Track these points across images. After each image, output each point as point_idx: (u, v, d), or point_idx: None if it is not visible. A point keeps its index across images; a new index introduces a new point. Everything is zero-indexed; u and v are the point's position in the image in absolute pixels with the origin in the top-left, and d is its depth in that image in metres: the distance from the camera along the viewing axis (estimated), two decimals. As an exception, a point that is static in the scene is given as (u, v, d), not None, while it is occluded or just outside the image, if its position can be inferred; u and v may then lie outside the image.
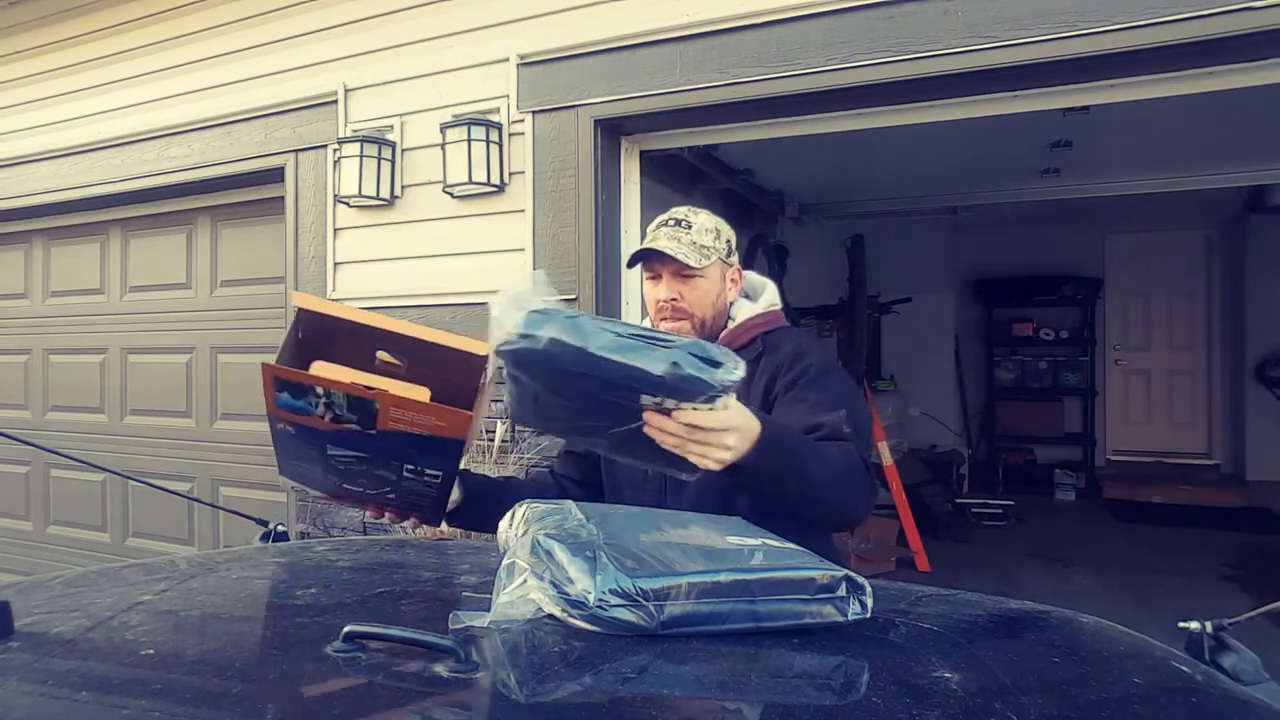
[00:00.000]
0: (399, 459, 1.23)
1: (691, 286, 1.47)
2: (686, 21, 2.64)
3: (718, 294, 1.50)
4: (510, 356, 0.97)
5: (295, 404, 1.15)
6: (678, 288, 1.47)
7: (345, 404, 1.14)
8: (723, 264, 1.51)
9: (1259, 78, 2.27)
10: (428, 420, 1.15)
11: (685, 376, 0.95)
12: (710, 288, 1.49)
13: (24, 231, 4.43)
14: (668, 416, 1.01)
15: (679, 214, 1.52)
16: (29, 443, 1.56)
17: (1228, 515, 5.96)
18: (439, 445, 1.18)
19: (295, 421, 1.18)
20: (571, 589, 0.76)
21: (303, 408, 1.15)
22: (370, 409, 1.14)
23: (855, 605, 0.80)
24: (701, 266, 1.46)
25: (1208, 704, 0.73)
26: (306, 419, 1.17)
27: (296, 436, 1.21)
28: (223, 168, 3.53)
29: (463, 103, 2.99)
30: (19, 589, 0.98)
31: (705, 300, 1.48)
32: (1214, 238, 6.89)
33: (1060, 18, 2.21)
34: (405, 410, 1.14)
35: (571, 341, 0.93)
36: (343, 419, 1.16)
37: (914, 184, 5.57)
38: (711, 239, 1.49)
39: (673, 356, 0.94)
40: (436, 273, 3.08)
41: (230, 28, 3.50)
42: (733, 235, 1.56)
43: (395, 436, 1.17)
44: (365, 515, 1.42)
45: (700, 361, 0.95)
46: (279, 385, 1.15)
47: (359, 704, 0.68)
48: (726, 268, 1.52)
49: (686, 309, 1.47)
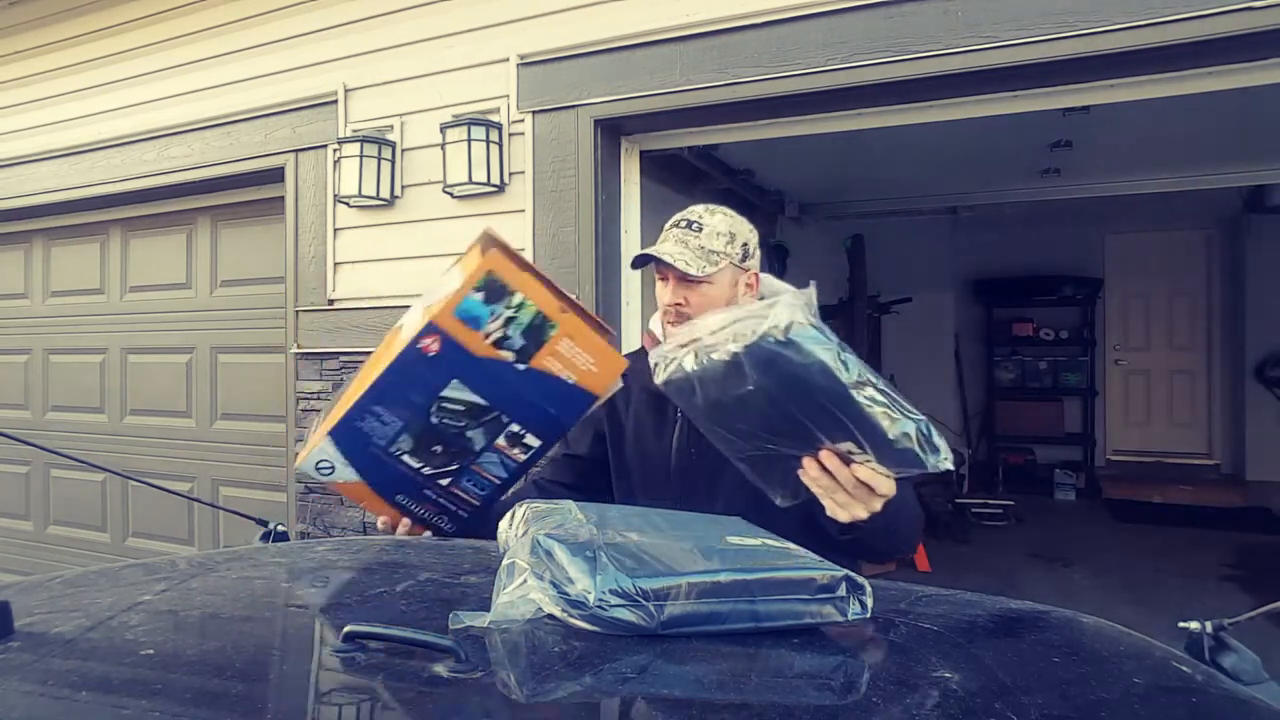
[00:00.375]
0: (512, 414, 1.24)
1: (698, 293, 1.43)
2: (686, 21, 2.64)
3: (727, 301, 1.44)
4: (762, 354, 0.98)
5: (477, 311, 1.17)
6: (683, 293, 1.44)
7: (525, 324, 1.18)
8: (735, 269, 1.45)
9: (1259, 78, 2.27)
10: (583, 364, 1.20)
11: (907, 450, 0.98)
12: (718, 294, 1.43)
13: (24, 231, 4.42)
14: (843, 462, 1.04)
15: (693, 214, 1.48)
16: (29, 443, 1.56)
17: (1227, 515, 5.96)
18: (571, 398, 1.22)
19: (452, 337, 1.17)
20: (571, 589, 0.76)
21: (479, 317, 1.17)
22: (542, 336, 1.18)
23: (855, 605, 0.80)
24: (703, 274, 1.41)
25: (1208, 704, 0.73)
26: (469, 334, 1.17)
27: (427, 364, 1.19)
28: (223, 168, 3.53)
29: (463, 103, 2.99)
30: (19, 589, 0.98)
31: (712, 307, 1.42)
32: (1214, 238, 6.90)
33: (1060, 18, 2.21)
34: (574, 344, 1.19)
35: (836, 373, 0.96)
36: (504, 344, 1.18)
37: (914, 184, 5.57)
38: (722, 244, 1.44)
39: (907, 428, 0.97)
40: (437, 273, 3.05)
41: (230, 28, 3.50)
42: (751, 238, 1.50)
43: (533, 381, 1.19)
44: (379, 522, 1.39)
45: (925, 442, 0.98)
46: (483, 282, 1.16)
47: (359, 704, 0.68)
48: (740, 273, 1.46)
49: (691, 314, 1.42)
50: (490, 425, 1.25)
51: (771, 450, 1.07)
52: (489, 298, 1.17)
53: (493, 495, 1.35)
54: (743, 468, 1.13)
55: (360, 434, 1.25)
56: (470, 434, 1.26)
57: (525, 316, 1.18)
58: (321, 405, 3.30)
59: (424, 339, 1.18)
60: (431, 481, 1.31)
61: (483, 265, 1.17)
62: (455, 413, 1.23)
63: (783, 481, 1.09)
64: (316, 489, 3.30)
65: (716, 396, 1.06)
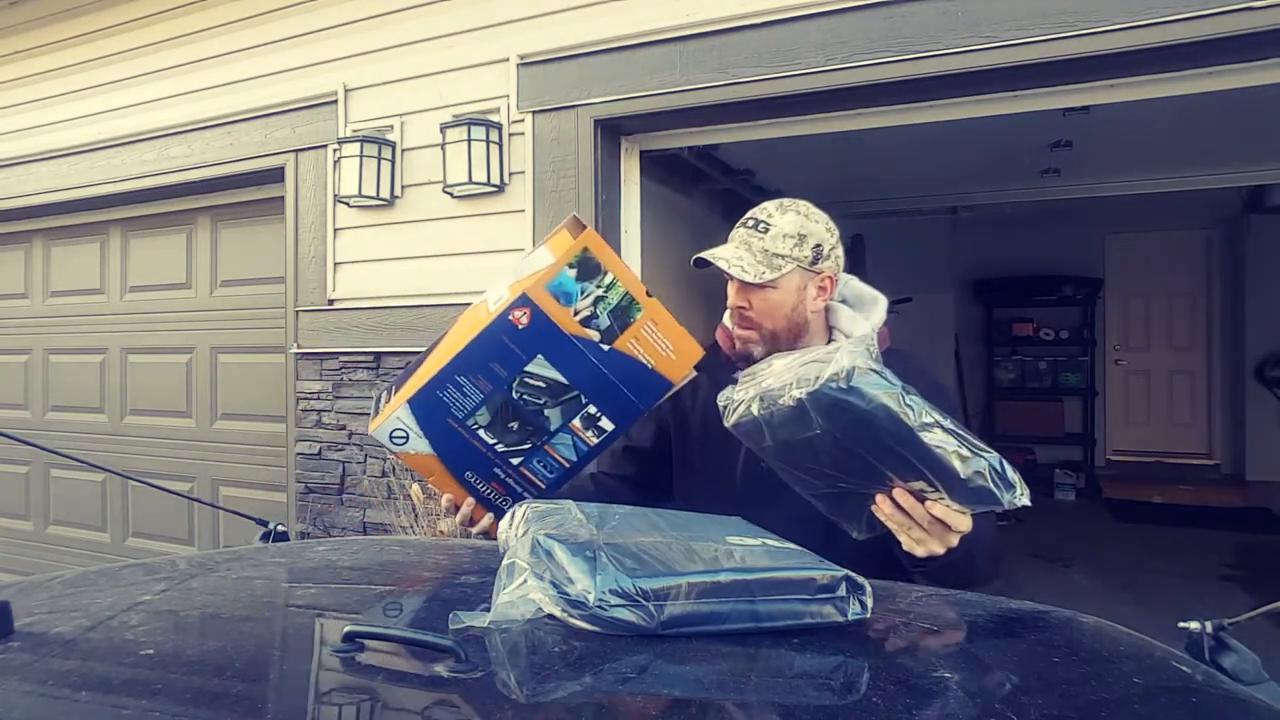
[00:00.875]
0: (591, 395, 1.27)
1: (761, 297, 1.38)
2: (686, 21, 2.64)
3: (793, 306, 1.38)
4: (825, 400, 0.99)
5: (568, 287, 1.21)
6: (746, 295, 1.39)
7: (613, 305, 1.23)
8: (804, 272, 1.38)
9: (1259, 78, 2.27)
10: (663, 349, 1.25)
11: (980, 488, 0.98)
12: (782, 299, 1.37)
13: (24, 231, 4.43)
14: (918, 500, 1.04)
15: (763, 212, 1.41)
16: (29, 443, 1.56)
17: (1228, 515, 5.96)
18: (648, 383, 1.27)
19: (543, 310, 1.21)
20: (571, 589, 0.76)
21: (570, 294, 1.21)
22: (628, 318, 1.24)
23: (855, 605, 0.80)
24: (761, 280, 1.35)
25: (1208, 704, 0.73)
26: (559, 310, 1.22)
27: (516, 336, 1.22)
28: (223, 168, 3.53)
29: (463, 103, 2.99)
30: (19, 589, 0.98)
31: (776, 312, 1.38)
32: (1214, 238, 6.89)
33: (1060, 18, 2.21)
34: (657, 328, 1.24)
35: (902, 417, 0.96)
36: (592, 322, 1.23)
37: (914, 184, 5.56)
38: (789, 246, 1.37)
39: (979, 466, 0.98)
40: (436, 273, 3.09)
41: (230, 28, 3.50)
42: (828, 238, 1.41)
43: (615, 363, 1.23)
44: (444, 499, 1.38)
45: (999, 479, 0.98)
46: (579, 259, 1.20)
47: (359, 704, 0.68)
48: (811, 276, 1.39)
49: (754, 319, 1.39)
50: (568, 405, 1.28)
51: (844, 488, 1.08)
52: (582, 274, 1.21)
53: (558, 480, 1.37)
54: (817, 503, 1.13)
55: (439, 404, 1.26)
56: (548, 412, 1.28)
57: (614, 297, 1.22)
58: (319, 405, 3.30)
59: (515, 310, 1.21)
60: (503, 459, 1.33)
61: (580, 242, 1.21)
62: (536, 389, 1.26)
63: (857, 516, 1.10)
64: (316, 489, 3.30)
65: (785, 439, 1.07)
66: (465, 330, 1.31)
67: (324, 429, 3.30)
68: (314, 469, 3.32)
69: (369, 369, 3.20)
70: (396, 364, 3.14)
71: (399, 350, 3.13)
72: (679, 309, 3.76)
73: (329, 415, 3.28)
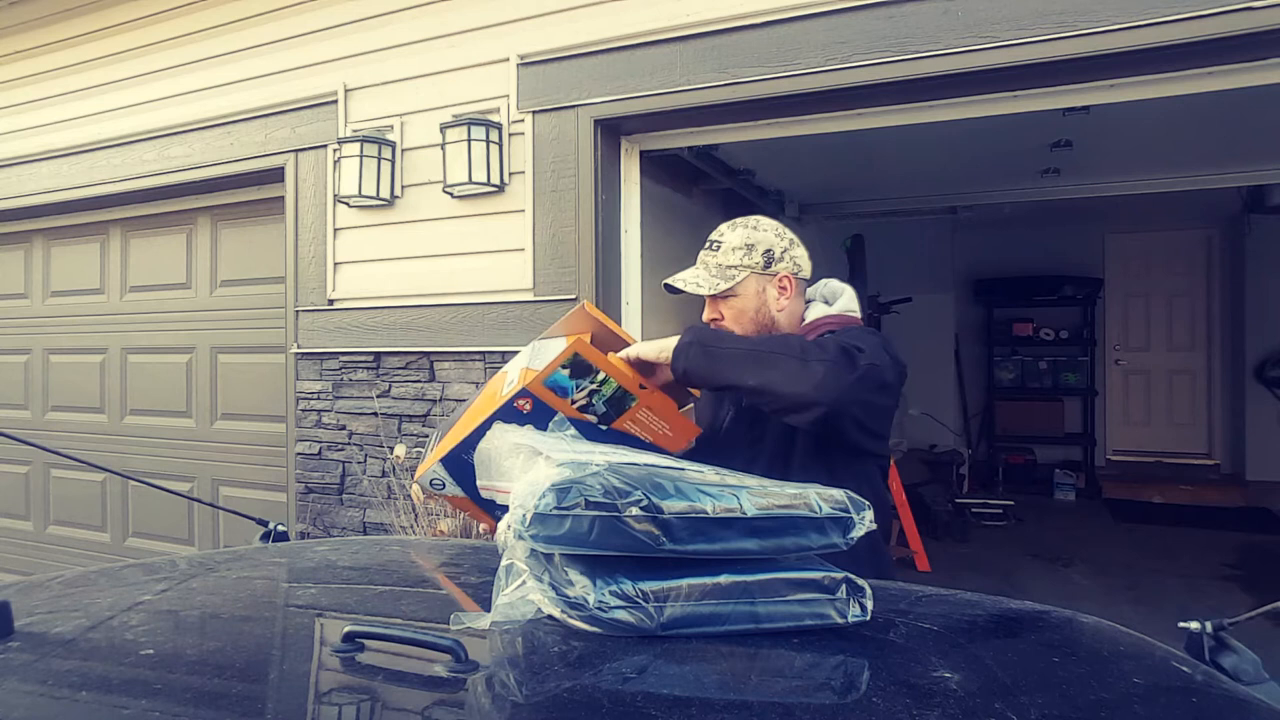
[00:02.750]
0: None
1: (726, 305, 1.53)
2: (686, 21, 2.64)
3: (756, 309, 1.53)
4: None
5: (564, 384, 1.31)
6: (716, 307, 1.55)
7: (608, 396, 1.32)
8: (760, 277, 1.53)
9: (1259, 78, 2.27)
10: (660, 428, 1.35)
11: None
12: (745, 304, 1.53)
13: (24, 231, 4.43)
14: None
15: (717, 233, 1.57)
16: (29, 443, 1.56)
17: (1228, 515, 5.96)
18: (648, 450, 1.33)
19: (544, 400, 1.31)
20: (570, 590, 0.76)
21: (566, 388, 1.32)
22: (624, 405, 1.33)
23: (855, 608, 0.80)
24: (717, 291, 1.51)
25: (1208, 704, 0.73)
26: (557, 400, 1.32)
27: (521, 418, 1.32)
28: (223, 168, 3.53)
29: (463, 103, 2.99)
30: (19, 589, 0.98)
31: (743, 317, 1.53)
32: (1214, 238, 6.89)
33: (1060, 18, 2.21)
34: (652, 413, 1.33)
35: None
36: (589, 409, 1.32)
37: (914, 184, 5.56)
38: (739, 257, 1.52)
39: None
40: (436, 273, 3.08)
41: (230, 28, 3.50)
42: (778, 243, 1.55)
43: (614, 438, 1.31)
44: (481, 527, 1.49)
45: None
46: (570, 362, 1.31)
47: (359, 704, 0.68)
48: (768, 279, 1.54)
49: (729, 327, 1.53)
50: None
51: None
52: (575, 373, 1.32)
53: None
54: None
55: (465, 464, 1.39)
56: None
57: (607, 390, 1.33)
58: (319, 405, 3.30)
59: (519, 400, 1.34)
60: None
61: (569, 348, 1.31)
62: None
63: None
64: (316, 489, 3.30)
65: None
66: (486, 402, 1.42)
67: (324, 429, 3.30)
68: (314, 469, 3.32)
69: (369, 369, 3.20)
70: (396, 364, 3.14)
71: (399, 350, 3.13)
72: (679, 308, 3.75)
73: (329, 415, 3.28)
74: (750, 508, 0.79)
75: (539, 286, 2.87)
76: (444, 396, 3.04)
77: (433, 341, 3.07)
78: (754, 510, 0.79)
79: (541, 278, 2.87)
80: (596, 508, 0.74)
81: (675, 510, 0.76)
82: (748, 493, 0.81)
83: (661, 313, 3.58)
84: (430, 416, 3.06)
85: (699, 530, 0.77)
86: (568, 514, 0.75)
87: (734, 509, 0.79)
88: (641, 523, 0.75)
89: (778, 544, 0.81)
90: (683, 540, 0.76)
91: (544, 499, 0.75)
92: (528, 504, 0.76)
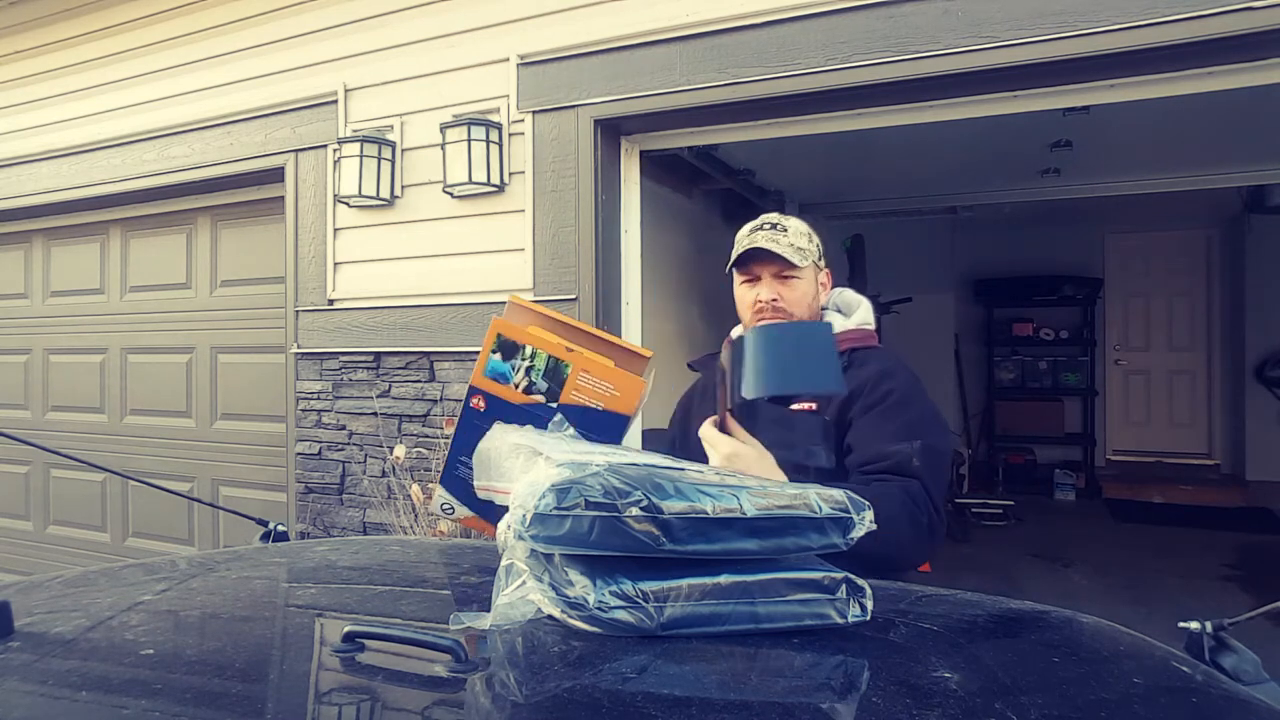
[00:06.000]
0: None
1: (790, 287, 1.53)
2: (686, 21, 2.64)
3: (813, 296, 1.56)
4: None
5: (501, 368, 1.36)
6: (778, 288, 1.53)
7: (542, 369, 1.35)
8: (815, 268, 1.56)
9: (1259, 78, 2.27)
10: (605, 390, 1.36)
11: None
12: (807, 289, 1.54)
13: (24, 231, 4.43)
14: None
15: (772, 219, 1.57)
16: (29, 443, 1.56)
17: (1228, 515, 5.96)
18: (607, 422, 1.36)
19: (491, 393, 1.36)
20: (570, 590, 0.76)
21: (505, 374, 1.36)
22: (561, 375, 1.35)
23: (855, 608, 0.80)
24: (802, 267, 1.51)
25: (1208, 704, 0.73)
26: (502, 389, 1.36)
27: (483, 418, 1.36)
28: (223, 168, 3.53)
29: (463, 103, 2.99)
30: (19, 589, 0.98)
31: (803, 301, 1.53)
32: (1214, 238, 6.89)
33: (1060, 18, 2.21)
34: (590, 375, 1.35)
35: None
36: (533, 389, 1.36)
37: (914, 184, 5.56)
38: (806, 241, 1.54)
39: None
40: (436, 273, 3.08)
41: (230, 28, 3.50)
42: (820, 242, 1.60)
43: (571, 415, 1.33)
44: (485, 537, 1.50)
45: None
46: (497, 344, 1.36)
47: (359, 704, 0.68)
48: (818, 271, 1.57)
49: (786, 309, 1.52)
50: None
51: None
52: (505, 355, 1.37)
53: None
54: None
55: (460, 479, 1.43)
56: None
57: (540, 364, 1.36)
58: (319, 405, 3.30)
59: (472, 399, 1.40)
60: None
61: (492, 330, 1.36)
62: None
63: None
64: (316, 489, 3.30)
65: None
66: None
67: (324, 429, 3.30)
68: (314, 469, 3.32)
69: (369, 369, 3.20)
70: (397, 364, 3.14)
71: (399, 350, 3.13)
72: (678, 309, 3.76)
73: (329, 415, 3.28)
74: (750, 508, 0.79)
75: (539, 286, 2.87)
76: (444, 397, 3.04)
77: (433, 341, 3.07)
78: (754, 510, 0.79)
79: (541, 278, 2.87)
80: (596, 508, 0.74)
81: (675, 510, 0.76)
82: (748, 493, 0.81)
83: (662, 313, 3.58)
84: (430, 416, 3.06)
85: (699, 530, 0.77)
86: (568, 514, 0.74)
87: (734, 509, 0.79)
88: (641, 523, 0.75)
89: (778, 544, 0.80)
90: (683, 540, 0.76)
91: (544, 499, 0.75)
92: (528, 504, 0.76)
